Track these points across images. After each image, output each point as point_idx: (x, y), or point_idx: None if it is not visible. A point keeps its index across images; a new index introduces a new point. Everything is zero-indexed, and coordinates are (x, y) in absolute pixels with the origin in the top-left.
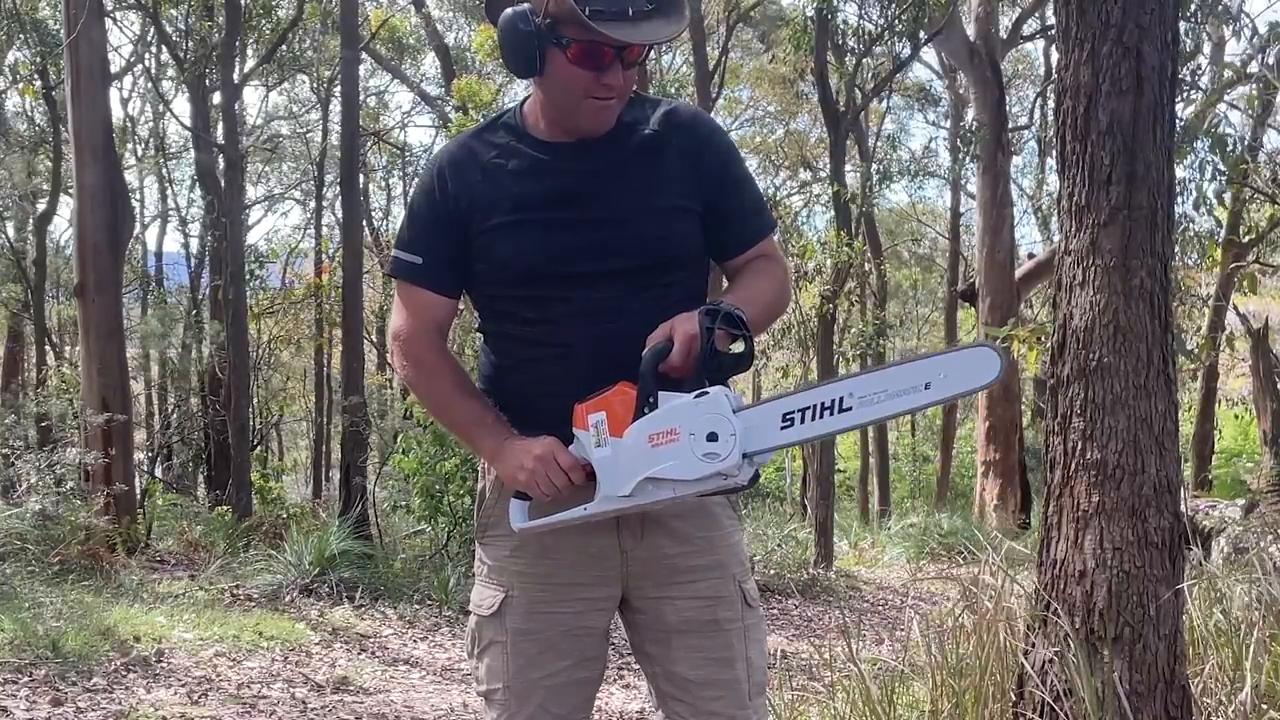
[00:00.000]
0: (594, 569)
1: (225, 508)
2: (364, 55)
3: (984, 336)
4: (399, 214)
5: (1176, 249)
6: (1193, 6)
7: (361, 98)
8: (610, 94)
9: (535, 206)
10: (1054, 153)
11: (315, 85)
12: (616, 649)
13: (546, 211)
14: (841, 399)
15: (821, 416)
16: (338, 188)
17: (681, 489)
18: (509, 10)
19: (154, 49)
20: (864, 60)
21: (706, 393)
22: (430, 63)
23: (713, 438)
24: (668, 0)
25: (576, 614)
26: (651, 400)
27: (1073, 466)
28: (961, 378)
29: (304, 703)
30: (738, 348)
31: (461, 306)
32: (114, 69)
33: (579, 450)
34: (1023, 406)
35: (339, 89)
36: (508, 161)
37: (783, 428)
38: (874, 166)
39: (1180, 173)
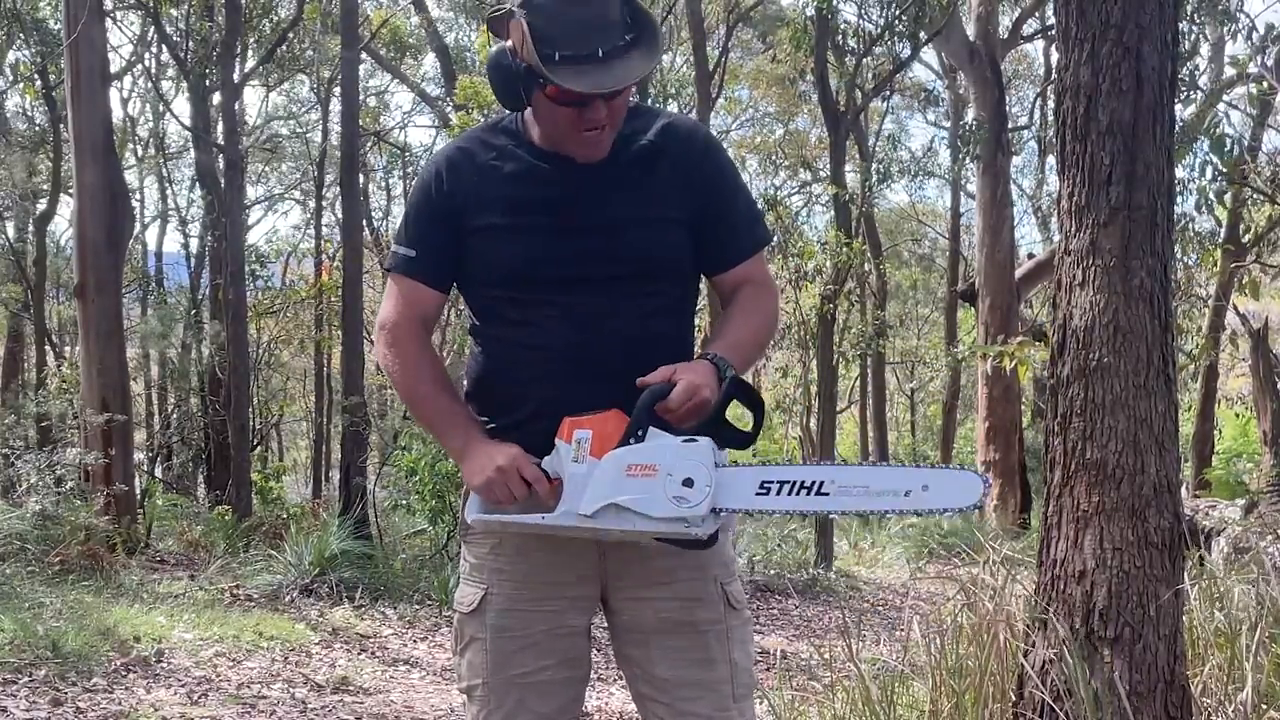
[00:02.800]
0: (572, 568)
1: (225, 508)
2: (364, 55)
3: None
4: (399, 214)
5: (1176, 249)
6: (1189, 7)
7: (361, 98)
8: (597, 125)
9: (526, 211)
10: (1054, 153)
11: (315, 85)
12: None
13: (537, 217)
14: (821, 483)
15: (797, 493)
16: (338, 188)
17: (642, 524)
18: (494, 47)
19: (154, 49)
20: (864, 60)
21: (695, 440)
22: (430, 63)
23: (688, 483)
24: (644, 33)
25: (556, 612)
26: (640, 433)
27: (1073, 466)
28: (941, 496)
29: (304, 703)
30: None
31: (462, 308)
32: (114, 69)
33: (553, 462)
34: (1023, 406)
35: (339, 89)
36: (504, 165)
37: (758, 494)
38: (874, 166)
39: (1180, 173)
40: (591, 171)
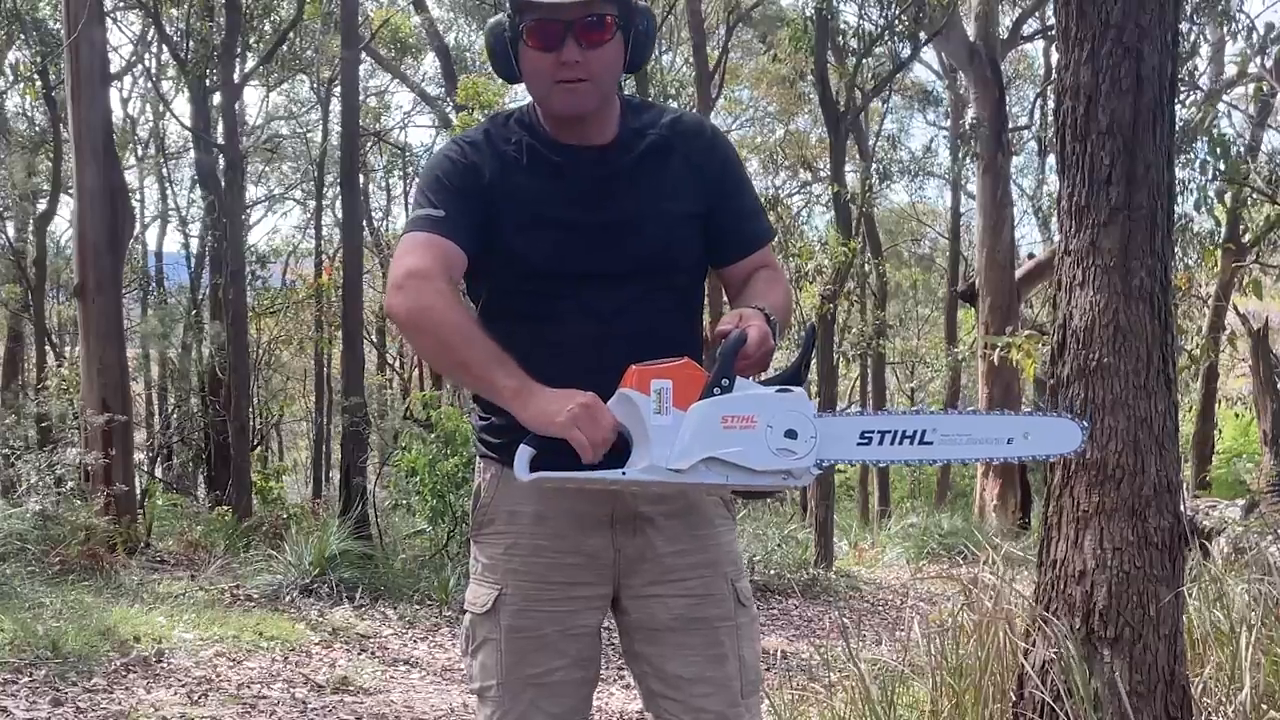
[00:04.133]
0: (588, 568)
1: (225, 508)
2: (364, 55)
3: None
4: (399, 214)
5: (1176, 249)
6: (1189, 7)
7: (361, 98)
8: (573, 74)
9: (546, 205)
10: (1054, 153)
11: (315, 85)
12: (616, 649)
13: (557, 211)
14: (924, 432)
15: (900, 443)
16: (338, 188)
17: (738, 477)
18: (491, 19)
19: (154, 49)
20: (864, 60)
21: (790, 390)
22: (430, 63)
23: (791, 434)
24: None
25: (570, 612)
26: (725, 383)
27: (1073, 466)
28: (1042, 442)
29: (304, 703)
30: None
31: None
32: (114, 69)
33: (624, 407)
34: (1023, 407)
35: (339, 89)
36: (522, 157)
37: (859, 444)
38: (874, 166)
39: (1180, 173)
40: (609, 166)
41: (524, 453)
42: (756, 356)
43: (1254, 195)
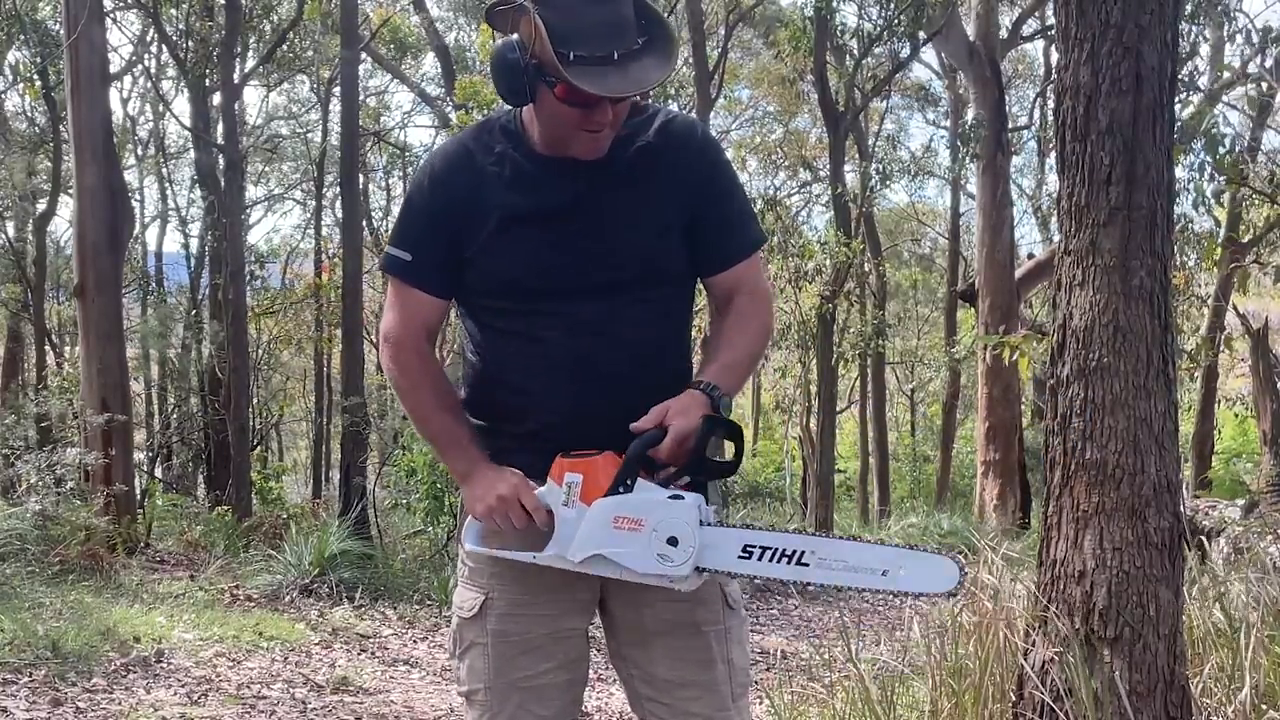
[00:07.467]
0: (572, 572)
1: (225, 508)
2: (364, 55)
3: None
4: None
5: (1176, 249)
6: (1189, 8)
7: (361, 98)
8: (601, 127)
9: (526, 220)
10: (1054, 153)
11: (315, 85)
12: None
13: (536, 226)
14: (802, 553)
15: (778, 561)
16: (338, 188)
17: (627, 575)
18: (500, 41)
19: (154, 49)
20: (864, 60)
21: (681, 497)
22: (430, 63)
23: (673, 541)
24: (657, 37)
25: (556, 615)
26: (629, 483)
27: (1072, 466)
28: (917, 579)
29: (304, 703)
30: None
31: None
32: (114, 69)
33: (545, 497)
34: (1023, 406)
35: (339, 89)
36: (503, 170)
37: (740, 557)
38: (874, 166)
39: (1180, 173)
40: (592, 178)
41: (472, 523)
42: (671, 455)
43: (1253, 195)
